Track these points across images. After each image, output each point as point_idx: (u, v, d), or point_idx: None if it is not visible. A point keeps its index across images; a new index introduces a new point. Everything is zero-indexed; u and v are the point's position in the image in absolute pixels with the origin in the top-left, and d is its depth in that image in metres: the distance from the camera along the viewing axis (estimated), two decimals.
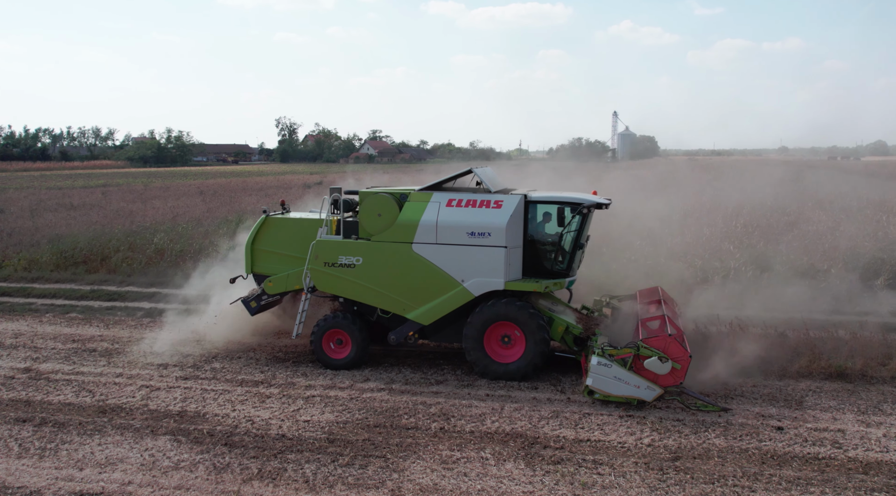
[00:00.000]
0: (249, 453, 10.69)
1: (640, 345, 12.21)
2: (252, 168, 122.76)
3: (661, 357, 12.02)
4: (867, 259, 21.17)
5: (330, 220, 14.56)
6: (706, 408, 12.09)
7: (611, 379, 12.12)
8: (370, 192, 14.33)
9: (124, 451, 10.80)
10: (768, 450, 10.62)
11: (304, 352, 15.50)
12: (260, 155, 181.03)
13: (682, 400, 12.33)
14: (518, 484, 9.70)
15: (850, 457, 10.39)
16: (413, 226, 13.82)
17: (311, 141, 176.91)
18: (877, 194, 42.47)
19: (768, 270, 19.78)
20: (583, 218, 13.93)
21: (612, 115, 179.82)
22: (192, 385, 13.66)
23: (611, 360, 12.17)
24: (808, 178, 54.99)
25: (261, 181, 73.44)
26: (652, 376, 12.08)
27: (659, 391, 12.03)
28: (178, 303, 20.20)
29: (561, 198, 13.95)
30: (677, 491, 9.46)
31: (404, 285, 13.96)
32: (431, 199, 13.97)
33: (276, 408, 12.46)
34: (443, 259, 13.68)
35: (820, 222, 27.85)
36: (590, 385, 12.27)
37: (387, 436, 11.21)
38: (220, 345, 15.79)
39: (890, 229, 27.12)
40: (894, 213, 32.58)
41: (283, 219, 15.29)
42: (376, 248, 14.09)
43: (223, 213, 38.09)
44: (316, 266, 14.39)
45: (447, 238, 13.67)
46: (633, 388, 12.08)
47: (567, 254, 14.01)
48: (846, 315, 16.39)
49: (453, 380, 13.80)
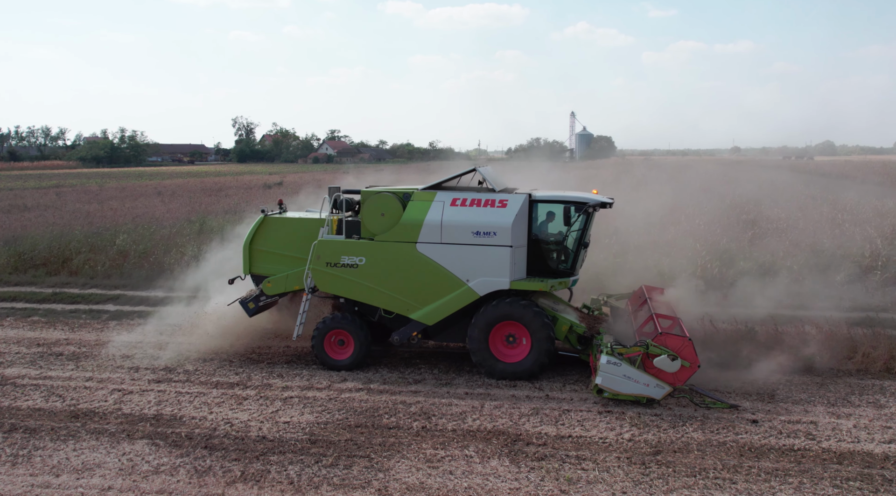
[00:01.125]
0: (231, 456, 10.56)
1: (649, 343, 12.29)
2: (209, 168, 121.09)
3: (670, 355, 12.12)
4: (827, 256, 21.73)
5: (331, 219, 14.37)
6: (716, 405, 12.23)
7: (620, 377, 12.19)
8: (373, 192, 14.18)
9: (101, 456, 10.58)
10: (745, 443, 10.85)
11: (278, 354, 15.36)
12: (216, 155, 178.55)
13: (692, 397, 12.46)
14: (504, 481, 9.75)
15: (824, 448, 10.67)
16: (417, 225, 13.72)
17: (269, 141, 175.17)
18: (830, 193, 43.69)
19: (733, 267, 20.21)
20: (587, 217, 14.00)
21: (570, 115, 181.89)
22: (165, 388, 13.43)
23: (620, 359, 12.23)
24: (763, 176, 56.34)
25: (219, 181, 72.44)
26: (661, 374, 12.19)
27: (668, 389, 12.13)
28: (146, 305, 19.91)
29: (566, 197, 13.95)
30: (661, 484, 9.61)
31: (408, 285, 13.86)
32: (435, 199, 13.85)
33: (255, 409, 12.32)
34: (447, 259, 13.63)
35: (779, 220, 28.51)
36: (599, 384, 12.31)
37: (369, 436, 11.17)
38: (201, 349, 15.45)
39: (846, 226, 27.90)
40: (849, 211, 33.55)
41: (283, 218, 15.05)
42: (380, 248, 13.95)
43: (183, 214, 37.54)
44: (318, 266, 14.21)
45: (452, 237, 13.60)
46: (642, 386, 12.16)
47: (571, 254, 14.07)
48: (811, 310, 16.79)
49: (431, 379, 13.80)
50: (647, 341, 12.34)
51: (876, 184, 56.49)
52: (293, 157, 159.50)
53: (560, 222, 14.02)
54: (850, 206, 37.11)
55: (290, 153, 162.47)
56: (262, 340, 16.02)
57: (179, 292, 20.55)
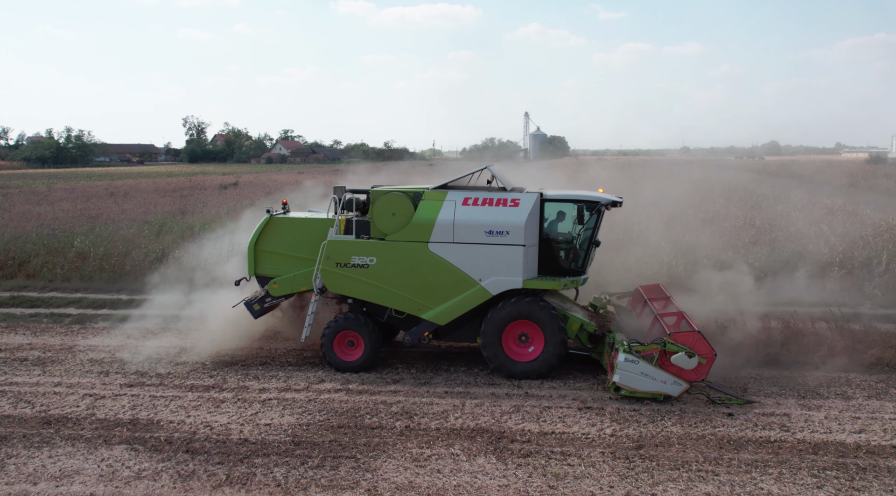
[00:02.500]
0: (214, 459, 10.40)
1: (666, 341, 12.43)
2: (159, 168, 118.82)
3: (687, 352, 12.27)
4: (786, 253, 22.33)
5: (339, 219, 14.20)
6: (731, 401, 12.41)
7: (637, 375, 12.28)
8: (383, 191, 14.06)
9: (79, 463, 10.32)
10: (723, 436, 11.10)
11: (251, 355, 15.18)
12: (166, 155, 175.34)
13: (708, 393, 12.63)
14: (492, 478, 9.81)
15: (799, 440, 10.97)
16: (429, 225, 13.66)
17: (221, 141, 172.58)
18: (782, 191, 44.86)
19: (697, 264, 20.61)
20: (598, 216, 14.09)
21: (524, 115, 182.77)
22: (138, 392, 13.17)
23: (637, 357, 12.34)
24: (716, 176, 57.53)
25: (172, 182, 71.18)
26: (678, 371, 12.33)
27: (685, 386, 12.28)
28: (110, 308, 19.50)
29: (577, 196, 14.01)
30: (646, 478, 9.77)
31: (420, 285, 13.78)
32: (447, 198, 13.78)
33: (233, 412, 12.16)
34: (460, 258, 13.59)
35: (737, 218, 29.17)
36: (617, 381, 12.39)
37: (353, 437, 11.12)
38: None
39: (800, 224, 28.69)
40: (801, 209, 34.52)
41: (290, 218, 14.83)
42: (391, 248, 13.85)
43: (138, 215, 36.79)
44: (327, 267, 14.04)
45: (464, 237, 13.57)
46: (659, 384, 12.28)
47: (583, 252, 14.17)
48: (775, 306, 17.22)
49: (409, 378, 13.79)
50: (665, 338, 12.49)
51: (822, 182, 58.21)
52: (246, 157, 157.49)
53: (570, 221, 14.12)
54: (801, 204, 38.23)
55: (242, 153, 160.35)
56: (236, 342, 15.78)
57: (144, 295, 20.24)
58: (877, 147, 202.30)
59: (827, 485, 9.54)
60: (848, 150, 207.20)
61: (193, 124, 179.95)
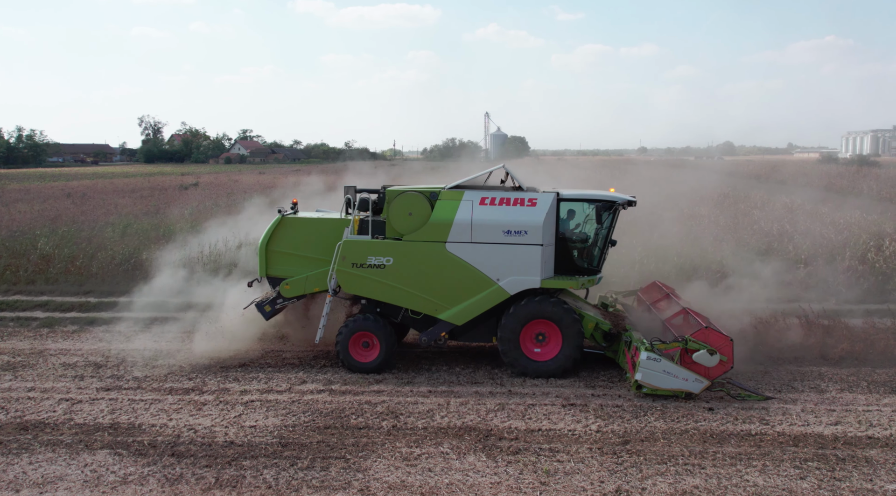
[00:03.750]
0: (201, 462, 10.27)
1: (688, 339, 12.58)
2: (115, 169, 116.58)
3: (709, 350, 12.42)
4: (752, 250, 22.82)
5: (353, 219, 14.09)
6: (751, 397, 12.60)
7: (660, 373, 12.39)
8: (400, 191, 13.96)
9: (61, 469, 10.11)
10: (706, 430, 11.31)
11: (228, 357, 14.95)
12: (122, 155, 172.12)
13: (728, 390, 12.82)
14: (484, 475, 9.86)
15: (779, 432, 11.24)
16: (447, 225, 13.61)
17: (178, 140, 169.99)
18: (741, 190, 45.78)
19: (667, 262, 20.96)
20: (614, 215, 14.17)
21: (485, 115, 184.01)
22: (116, 396, 12.93)
23: (660, 355, 12.46)
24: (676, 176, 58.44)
25: (130, 182, 69.98)
26: (700, 369, 12.48)
27: (706, 383, 12.42)
28: (78, 311, 19.11)
29: (594, 196, 14.08)
30: (635, 472, 9.92)
31: (437, 285, 13.73)
32: (463, 198, 13.73)
33: (216, 415, 12.02)
34: (477, 258, 13.57)
35: (702, 216, 29.69)
36: (639, 379, 12.48)
37: (340, 437, 11.08)
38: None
39: (763, 223, 29.35)
40: (762, 208, 35.30)
41: (302, 219, 14.63)
42: (408, 248, 13.75)
43: (99, 216, 36.09)
44: (343, 267, 13.90)
45: (482, 237, 13.55)
46: (681, 382, 12.40)
47: (599, 251, 14.26)
48: (746, 303, 17.55)
49: (392, 378, 13.78)
50: (686, 337, 12.64)
51: (779, 182, 59.55)
52: (204, 157, 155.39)
53: (584, 220, 14.23)
54: (760, 202, 39.09)
55: (200, 153, 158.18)
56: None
57: (114, 297, 19.90)
58: (827, 147, 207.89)
59: (809, 476, 9.79)
60: (800, 151, 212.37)
61: (149, 124, 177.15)
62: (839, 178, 58.52)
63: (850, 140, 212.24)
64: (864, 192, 45.65)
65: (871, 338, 15.20)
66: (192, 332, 16.32)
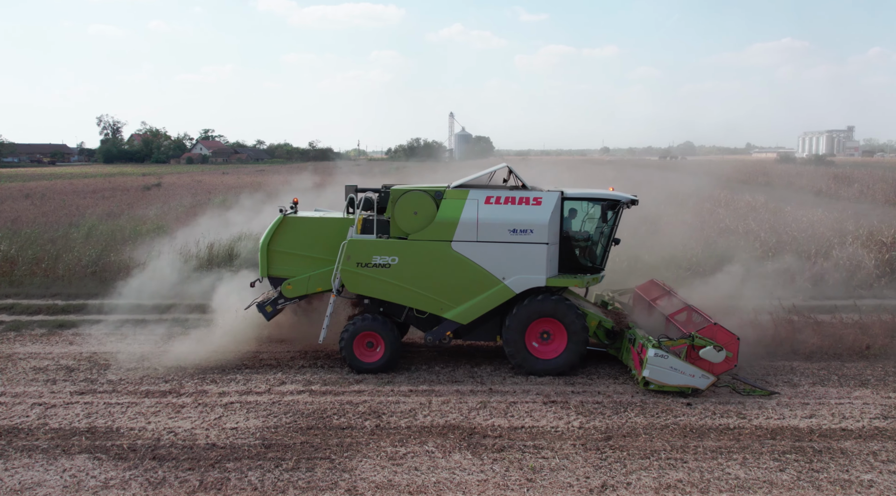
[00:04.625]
0: (183, 465, 10.14)
1: (694, 335, 12.75)
2: (74, 169, 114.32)
3: (715, 346, 12.60)
4: (720, 248, 23.20)
5: (357, 219, 13.99)
6: (756, 392, 12.80)
7: (667, 369, 12.52)
8: (404, 190, 13.87)
9: (39, 474, 9.90)
10: (686, 425, 11.49)
11: (205, 359, 14.76)
12: (80, 155, 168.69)
13: (734, 385, 13.03)
14: (471, 473, 9.89)
15: (756, 426, 11.46)
16: (453, 224, 13.58)
17: (138, 140, 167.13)
18: (704, 189, 46.45)
19: (641, 261, 21.22)
20: (618, 214, 14.25)
21: (449, 115, 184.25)
22: (91, 399, 12.69)
23: (667, 351, 12.59)
24: (642, 175, 59.17)
25: (90, 183, 68.71)
26: (705, 365, 12.66)
27: (713, 379, 12.58)
28: (46, 314, 18.72)
29: (598, 195, 14.16)
30: (619, 467, 10.03)
31: (442, 284, 13.69)
32: (469, 197, 13.69)
33: (195, 417, 11.87)
34: (483, 257, 13.56)
35: (672, 215, 30.07)
36: (647, 376, 12.61)
37: (324, 438, 11.02)
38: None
39: (727, 221, 29.86)
40: (726, 206, 35.89)
41: (305, 218, 14.48)
42: (414, 247, 13.70)
43: (61, 218, 35.34)
44: (348, 267, 13.80)
45: (488, 236, 13.55)
46: (688, 378, 12.54)
47: (602, 250, 14.34)
48: (717, 300, 17.82)
49: (372, 378, 13.73)
50: (693, 333, 12.81)
51: (740, 181, 60.62)
52: (165, 157, 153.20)
53: (588, 219, 14.32)
54: (725, 201, 39.77)
55: (161, 153, 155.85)
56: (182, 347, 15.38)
57: (82, 300, 19.55)
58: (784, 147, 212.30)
59: (788, 468, 10.00)
60: (758, 150, 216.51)
61: (108, 123, 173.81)
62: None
63: (806, 140, 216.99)
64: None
65: (839, 334, 15.57)
66: (170, 335, 16.18)
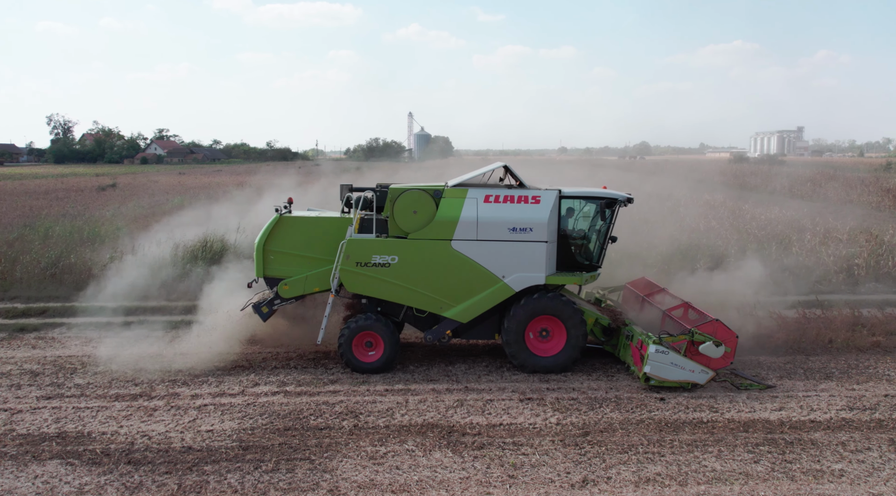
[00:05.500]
0: (160, 469, 9.96)
1: (694, 331, 12.95)
2: (23, 170, 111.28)
3: (715, 342, 12.80)
4: (684, 246, 23.57)
5: (355, 218, 13.91)
6: (753, 386, 13.06)
7: (668, 365, 12.71)
8: (403, 189, 13.79)
9: (10, 482, 9.63)
10: (660, 419, 11.66)
11: (173, 361, 14.53)
12: (29, 156, 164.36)
13: (732, 380, 13.28)
14: (452, 471, 9.90)
15: (728, 419, 11.68)
16: (453, 223, 13.57)
17: (90, 140, 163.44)
18: (664, 189, 47.15)
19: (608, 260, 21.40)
20: (614, 212, 14.36)
21: (408, 115, 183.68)
22: (59, 404, 12.40)
23: (667, 347, 12.74)
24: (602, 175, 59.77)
25: (42, 184, 67.00)
26: (702, 360, 12.86)
27: (711, 374, 12.81)
28: (4, 317, 18.24)
29: (596, 193, 14.28)
30: (599, 462, 10.14)
31: (442, 283, 13.68)
32: (468, 195, 13.69)
33: (169, 420, 11.67)
34: (483, 255, 13.58)
35: (632, 214, 30.43)
36: (648, 372, 12.76)
37: (302, 439, 10.93)
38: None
39: (688, 220, 30.34)
40: (685, 205, 36.46)
41: (302, 217, 14.33)
42: (414, 247, 13.65)
43: (13, 219, 34.40)
44: (347, 266, 13.71)
45: (488, 234, 13.57)
46: (688, 373, 12.75)
47: (599, 248, 14.45)
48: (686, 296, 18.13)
49: (346, 378, 13.66)
50: (693, 329, 13.02)
51: (697, 180, 61.64)
52: (118, 157, 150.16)
53: (585, 217, 14.45)
54: (684, 200, 40.39)
55: (114, 153, 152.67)
56: (149, 349, 15.12)
57: (42, 303, 19.10)
58: (736, 147, 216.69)
59: (763, 460, 10.22)
60: (711, 150, 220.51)
61: (59, 123, 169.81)
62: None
63: (758, 140, 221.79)
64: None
65: (803, 328, 15.96)
66: (137, 338, 15.87)
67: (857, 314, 17.03)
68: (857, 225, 29.03)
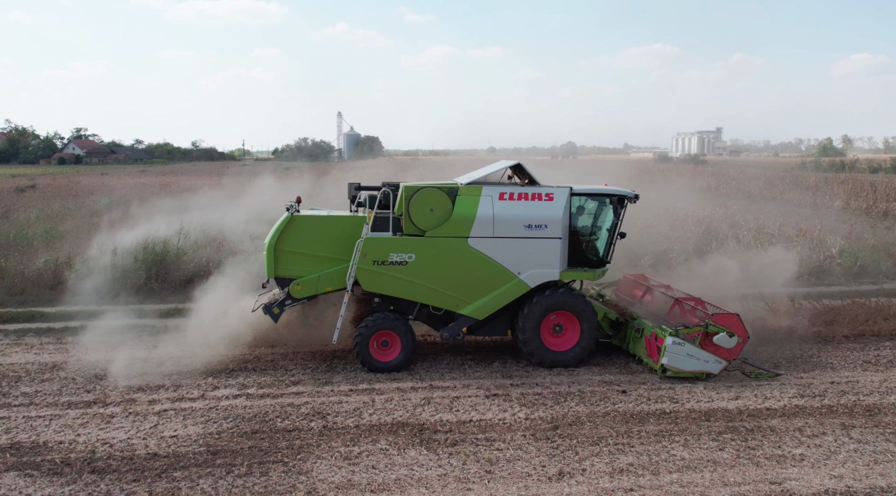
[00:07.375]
0: (127, 477, 9.62)
1: (708, 322, 13.26)
2: None
3: (728, 333, 13.14)
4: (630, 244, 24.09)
5: (369, 216, 13.74)
6: (763, 374, 13.54)
7: (683, 356, 13.08)
8: (418, 187, 13.65)
9: None
10: (625, 411, 11.92)
11: (123, 365, 14.04)
12: None
13: (743, 369, 13.79)
14: (429, 468, 9.89)
15: (689, 409, 12.03)
16: (469, 220, 13.57)
17: (2, 139, 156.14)
18: None
19: None
20: (624, 209, 14.58)
21: (337, 115, 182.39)
22: (7, 414, 11.83)
23: (683, 339, 13.04)
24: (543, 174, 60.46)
25: None
26: (718, 350, 13.22)
27: (724, 364, 13.22)
28: None
29: (605, 190, 14.47)
30: (572, 455, 10.30)
31: (459, 280, 13.67)
32: (483, 193, 13.72)
33: (128, 427, 11.28)
34: (499, 252, 13.64)
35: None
36: (665, 363, 13.11)
37: (272, 441, 10.73)
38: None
39: (638, 218, 31.02)
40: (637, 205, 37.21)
41: (313, 217, 14.05)
42: (431, 244, 13.59)
43: None
44: (364, 265, 13.54)
45: (504, 231, 13.61)
46: (702, 363, 13.17)
47: (608, 244, 14.61)
48: None
49: (308, 379, 13.48)
50: (707, 321, 13.36)
51: (629, 179, 63.09)
52: (34, 157, 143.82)
53: (595, 214, 14.66)
54: None
55: (29, 153, 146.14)
56: (96, 354, 14.60)
57: None
58: (659, 147, 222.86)
59: (727, 447, 10.56)
60: (635, 150, 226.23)
61: None
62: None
63: (679, 140, 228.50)
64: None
65: (747, 319, 16.49)
66: (81, 344, 15.28)
67: (797, 306, 17.75)
68: (785, 221, 30.28)
